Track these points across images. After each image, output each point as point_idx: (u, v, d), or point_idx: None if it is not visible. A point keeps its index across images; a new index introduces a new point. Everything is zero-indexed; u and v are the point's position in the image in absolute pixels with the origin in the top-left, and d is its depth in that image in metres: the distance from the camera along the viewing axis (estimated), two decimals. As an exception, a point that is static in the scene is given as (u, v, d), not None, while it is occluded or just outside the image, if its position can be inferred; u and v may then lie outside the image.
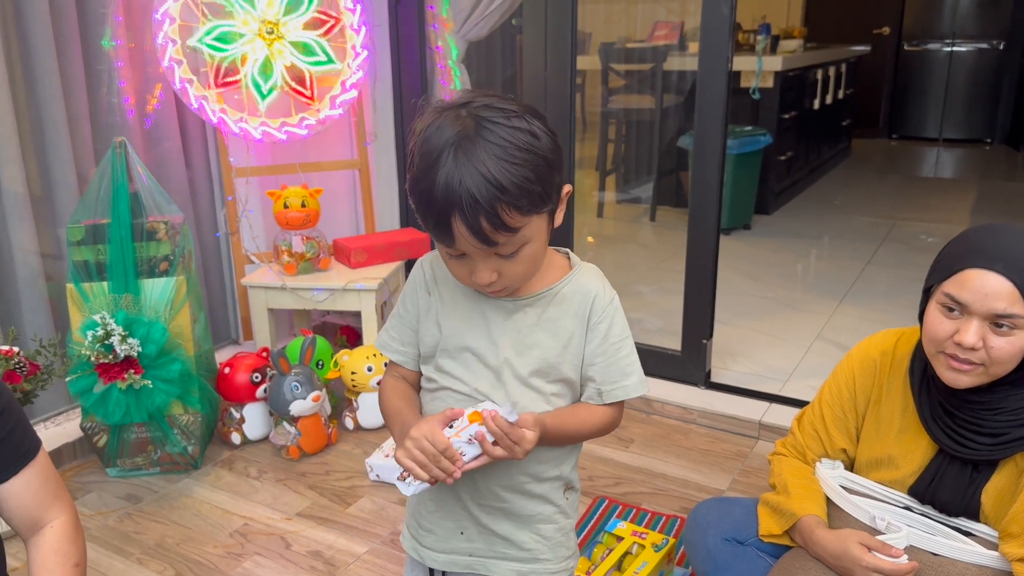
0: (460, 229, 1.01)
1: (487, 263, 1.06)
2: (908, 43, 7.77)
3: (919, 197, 5.73)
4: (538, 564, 1.23)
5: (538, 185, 1.01)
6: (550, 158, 1.02)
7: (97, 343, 2.16)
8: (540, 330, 1.15)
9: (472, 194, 0.97)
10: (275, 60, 2.75)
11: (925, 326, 1.39)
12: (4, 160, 2.37)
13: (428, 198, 1.01)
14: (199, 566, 2.01)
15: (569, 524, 1.27)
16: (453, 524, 1.23)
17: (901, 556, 1.37)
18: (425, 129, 1.02)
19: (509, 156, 0.98)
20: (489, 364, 1.16)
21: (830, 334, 3.25)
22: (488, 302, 1.16)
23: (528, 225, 1.03)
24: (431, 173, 0.99)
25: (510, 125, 1.00)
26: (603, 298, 1.16)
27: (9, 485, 1.34)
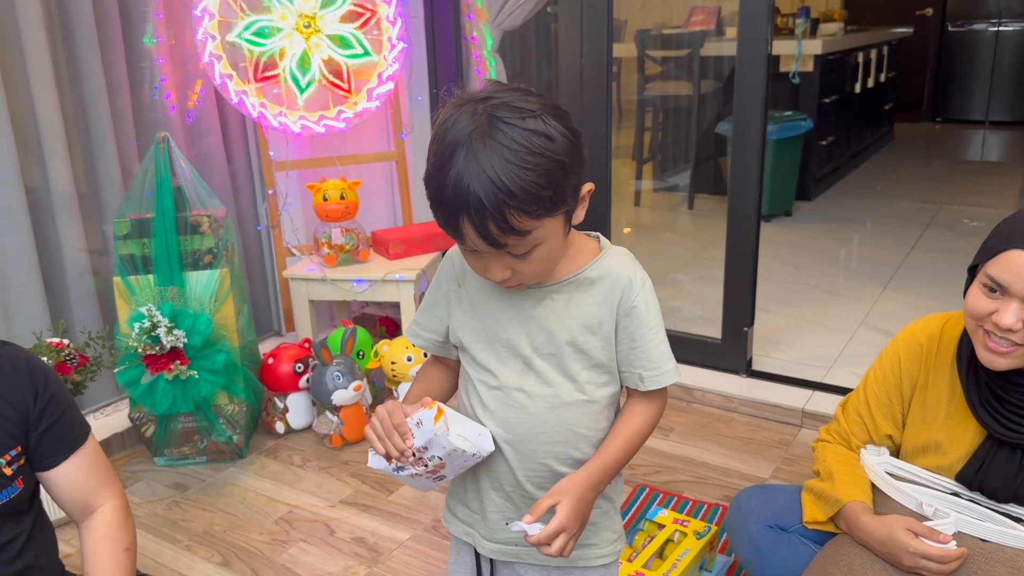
0: (468, 230, 1.00)
1: (499, 261, 1.05)
2: (952, 24, 7.58)
3: (964, 181, 5.60)
4: (585, 550, 1.23)
5: (549, 189, 0.98)
6: (564, 161, 0.99)
7: (144, 335, 2.20)
8: (569, 316, 1.14)
9: (479, 197, 0.95)
10: (312, 54, 2.78)
11: (966, 303, 1.38)
12: (52, 158, 2.42)
13: (439, 196, 1.00)
14: (245, 552, 2.04)
15: (613, 507, 1.26)
16: (499, 516, 1.23)
17: (949, 542, 1.34)
18: (443, 123, 1.00)
19: (519, 159, 0.96)
20: (520, 353, 1.15)
21: (874, 320, 3.20)
22: (515, 292, 1.15)
23: (540, 228, 1.01)
24: (442, 171, 0.98)
25: (524, 127, 0.97)
26: (636, 282, 1.14)
27: (60, 470, 1.38)
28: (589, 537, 1.23)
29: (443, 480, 1.16)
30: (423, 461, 1.12)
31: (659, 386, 1.16)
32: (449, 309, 1.22)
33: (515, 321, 1.15)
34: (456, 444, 1.09)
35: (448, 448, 1.09)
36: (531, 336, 1.14)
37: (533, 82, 3.70)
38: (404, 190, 3.19)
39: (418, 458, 1.11)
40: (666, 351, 1.17)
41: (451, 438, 1.08)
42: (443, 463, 1.12)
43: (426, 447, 1.09)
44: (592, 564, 1.24)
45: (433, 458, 1.11)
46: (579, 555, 1.23)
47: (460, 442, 1.09)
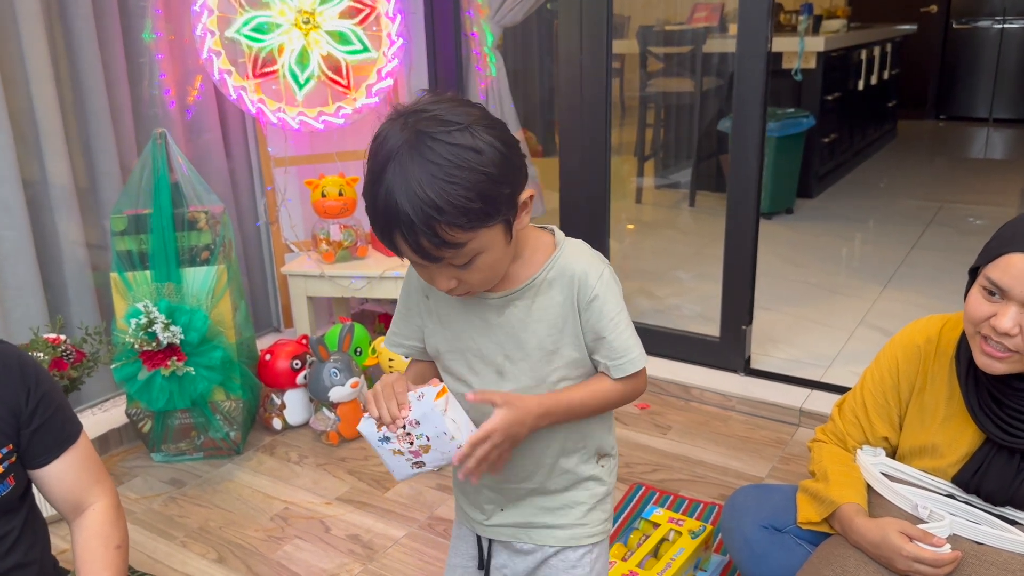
0: (403, 246, 1.00)
1: (443, 272, 1.05)
2: (957, 21, 7.55)
3: (967, 179, 5.58)
4: (576, 530, 1.26)
5: (478, 202, 0.97)
6: (492, 173, 0.98)
7: (140, 331, 2.20)
8: (533, 320, 1.14)
9: (408, 214, 0.96)
10: (312, 50, 2.77)
11: (965, 306, 1.37)
12: (50, 153, 2.42)
13: (372, 212, 1.00)
14: (241, 549, 2.04)
15: (605, 490, 1.27)
16: (493, 506, 1.27)
17: (943, 545, 1.34)
18: (376, 137, 1.00)
19: (446, 174, 0.95)
20: (491, 362, 1.16)
21: (874, 319, 3.19)
22: (478, 302, 1.15)
23: (475, 239, 1.00)
24: (374, 187, 0.98)
25: (450, 140, 0.96)
26: (593, 274, 1.13)
27: (51, 468, 1.38)
28: (581, 518, 1.25)
29: (421, 468, 1.15)
30: (411, 437, 1.12)
31: (625, 374, 1.16)
32: (421, 321, 1.23)
33: (482, 331, 1.15)
34: (447, 427, 1.09)
35: (439, 429, 1.09)
36: (500, 344, 1.15)
37: (533, 78, 3.69)
38: (403, 186, 3.18)
39: (407, 432, 1.12)
40: (629, 339, 1.16)
41: (445, 419, 1.09)
42: (428, 445, 1.12)
43: (419, 422, 1.10)
44: (583, 543, 1.26)
45: (421, 436, 1.11)
46: (570, 535, 1.25)
47: (451, 426, 1.10)
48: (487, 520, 1.28)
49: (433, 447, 1.11)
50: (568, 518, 1.25)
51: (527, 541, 1.27)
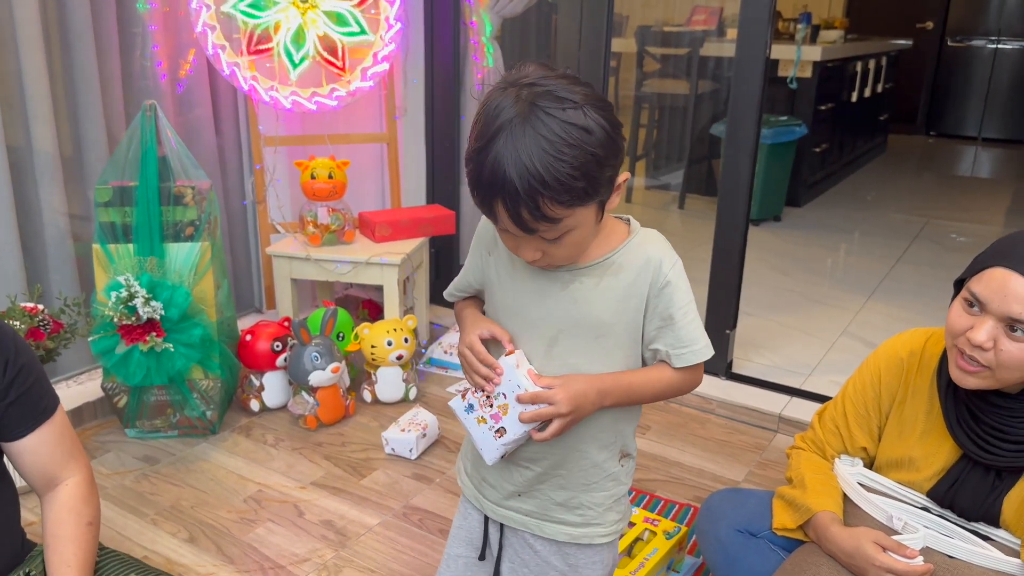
0: (502, 214, 1.02)
1: (531, 244, 1.07)
2: (952, 39, 7.60)
3: (954, 196, 5.63)
4: (589, 528, 1.26)
5: (582, 181, 0.99)
6: (599, 154, 1.00)
7: (120, 304, 2.17)
8: (596, 299, 1.15)
9: (514, 184, 0.98)
10: (308, 29, 2.74)
11: (947, 318, 1.37)
12: (36, 118, 2.38)
13: (477, 178, 1.02)
14: (212, 530, 2.02)
15: (622, 491, 1.28)
16: (512, 486, 1.26)
17: (916, 557, 1.34)
18: (487, 104, 1.02)
19: (556, 150, 0.97)
20: (543, 334, 1.16)
21: (856, 330, 3.20)
22: (544, 272, 1.16)
23: (572, 216, 1.03)
24: (481, 154, 1.00)
25: (563, 118, 0.98)
26: (667, 262, 1.15)
27: (26, 442, 1.36)
28: (596, 517, 1.26)
29: (504, 440, 1.16)
30: (490, 400, 1.15)
31: (687, 364, 1.17)
32: (481, 276, 1.25)
33: (540, 300, 1.16)
34: (522, 381, 1.12)
35: (513, 383, 1.12)
36: (556, 318, 1.15)
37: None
38: (394, 173, 3.16)
39: (486, 395, 1.15)
40: (697, 328, 1.17)
41: (519, 373, 1.12)
42: (507, 405, 1.14)
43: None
44: (595, 542, 1.27)
45: (499, 395, 1.14)
46: (583, 533, 1.26)
47: (525, 382, 1.12)
48: (503, 500, 1.28)
49: (511, 407, 1.13)
50: (584, 516, 1.25)
51: (538, 533, 1.27)
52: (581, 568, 1.28)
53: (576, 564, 1.28)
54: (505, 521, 1.29)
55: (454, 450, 2.40)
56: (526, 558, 1.30)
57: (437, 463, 2.33)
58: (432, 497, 2.18)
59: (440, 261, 3.35)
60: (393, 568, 1.90)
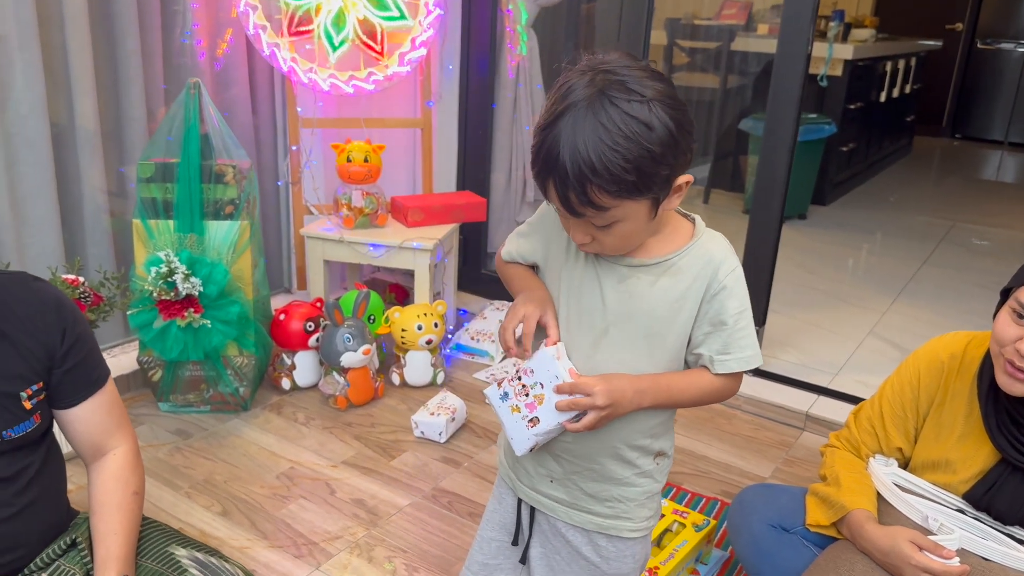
0: (552, 193, 1.05)
1: (581, 226, 1.09)
2: (981, 41, 7.54)
3: (979, 201, 5.60)
4: (618, 521, 1.27)
5: (633, 175, 0.99)
6: (656, 151, 0.99)
7: (160, 279, 2.20)
8: (651, 298, 1.15)
9: (566, 166, 0.99)
10: (348, 12, 2.75)
11: (994, 326, 1.38)
12: (79, 94, 2.40)
13: (536, 153, 1.04)
14: (245, 504, 2.06)
15: (656, 488, 1.29)
16: (545, 471, 1.27)
17: (953, 558, 1.35)
18: (563, 84, 1.03)
19: (611, 140, 0.98)
20: (594, 325, 1.17)
21: (883, 331, 3.20)
22: (604, 263, 1.16)
23: (619, 207, 1.03)
24: (545, 131, 1.02)
25: (626, 110, 0.98)
26: (726, 267, 1.15)
27: (78, 410, 1.38)
28: (627, 511, 1.26)
29: (536, 430, 1.16)
30: (526, 388, 1.16)
31: (728, 371, 1.17)
32: (545, 246, 1.24)
33: (597, 292, 1.17)
34: (560, 372, 1.13)
35: (551, 373, 1.13)
36: (609, 311, 1.16)
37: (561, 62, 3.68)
38: (427, 158, 3.17)
39: (521, 382, 1.16)
40: (749, 336, 1.17)
41: (559, 365, 1.13)
42: (543, 395, 1.14)
43: (533, 370, 1.15)
44: (623, 535, 1.28)
45: (535, 385, 1.15)
46: (612, 524, 1.27)
47: (564, 374, 1.13)
48: (536, 484, 1.29)
49: (547, 398, 1.14)
50: (614, 508, 1.26)
51: (566, 519, 1.28)
52: (612, 560, 1.29)
53: (607, 556, 1.29)
54: (536, 505, 1.31)
55: (482, 435, 2.43)
56: (557, 545, 1.32)
57: (465, 447, 2.36)
58: (461, 480, 2.20)
59: (468, 248, 3.37)
60: (424, 549, 1.93)
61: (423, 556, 1.90)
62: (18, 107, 2.27)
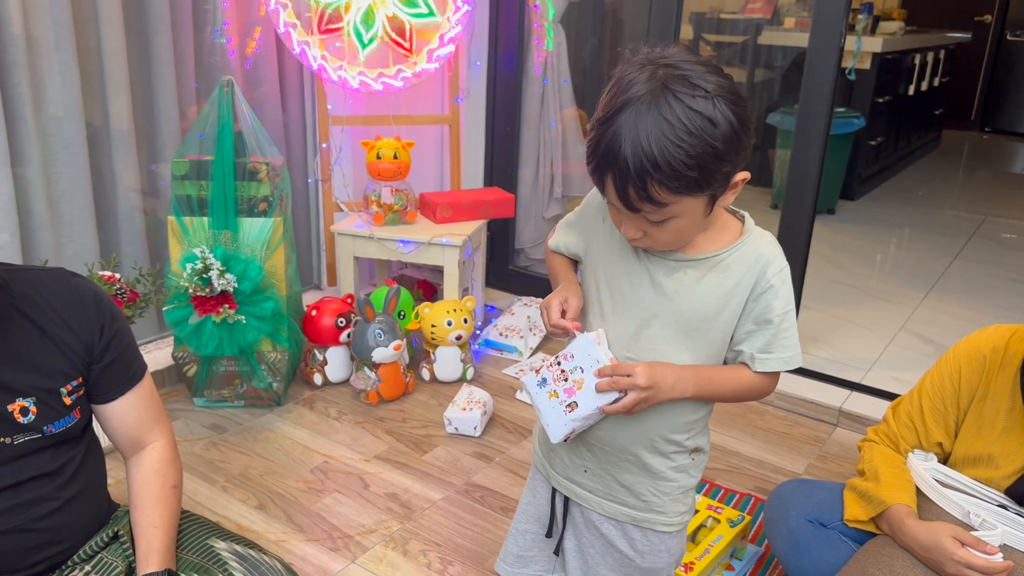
0: (610, 188, 1.03)
1: (634, 222, 1.08)
2: (1011, 32, 7.42)
3: (1011, 195, 5.52)
4: (652, 514, 1.27)
5: (695, 171, 0.99)
6: (719, 148, 0.99)
7: (195, 276, 2.22)
8: (697, 294, 1.14)
9: (627, 161, 0.98)
10: (377, 9, 2.76)
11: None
12: (113, 94, 2.43)
13: (595, 147, 1.03)
14: (281, 498, 2.07)
15: (691, 483, 1.29)
16: (580, 461, 1.28)
17: (996, 554, 1.34)
18: (622, 77, 1.02)
19: (675, 136, 0.97)
20: (637, 315, 1.17)
21: (915, 326, 3.17)
22: (652, 256, 1.16)
23: (678, 203, 1.03)
24: (604, 125, 1.01)
25: (691, 105, 0.97)
26: (774, 266, 1.15)
27: (116, 404, 1.40)
28: (661, 505, 1.26)
29: (574, 416, 1.16)
30: (565, 373, 1.16)
31: (768, 369, 1.17)
32: (587, 240, 1.25)
33: (642, 283, 1.17)
34: (601, 357, 1.13)
35: (592, 357, 1.13)
36: (653, 303, 1.16)
37: (589, 57, 3.67)
38: (455, 155, 3.18)
39: (561, 368, 1.16)
40: (792, 336, 1.17)
41: (600, 350, 1.13)
42: (582, 380, 1.14)
43: (573, 355, 1.15)
44: (656, 528, 1.28)
45: (575, 370, 1.15)
46: (645, 517, 1.27)
47: (605, 358, 1.13)
48: (570, 473, 1.29)
49: (587, 382, 1.14)
50: (648, 502, 1.26)
51: (599, 510, 1.28)
52: (646, 554, 1.29)
53: (641, 549, 1.29)
54: (569, 495, 1.31)
55: (512, 430, 2.43)
56: (591, 538, 1.32)
57: (497, 443, 2.36)
58: (493, 475, 2.21)
59: (495, 244, 3.37)
60: (458, 543, 1.93)
61: (457, 550, 1.91)
62: (54, 108, 2.30)
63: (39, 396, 1.27)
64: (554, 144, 3.38)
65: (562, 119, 3.36)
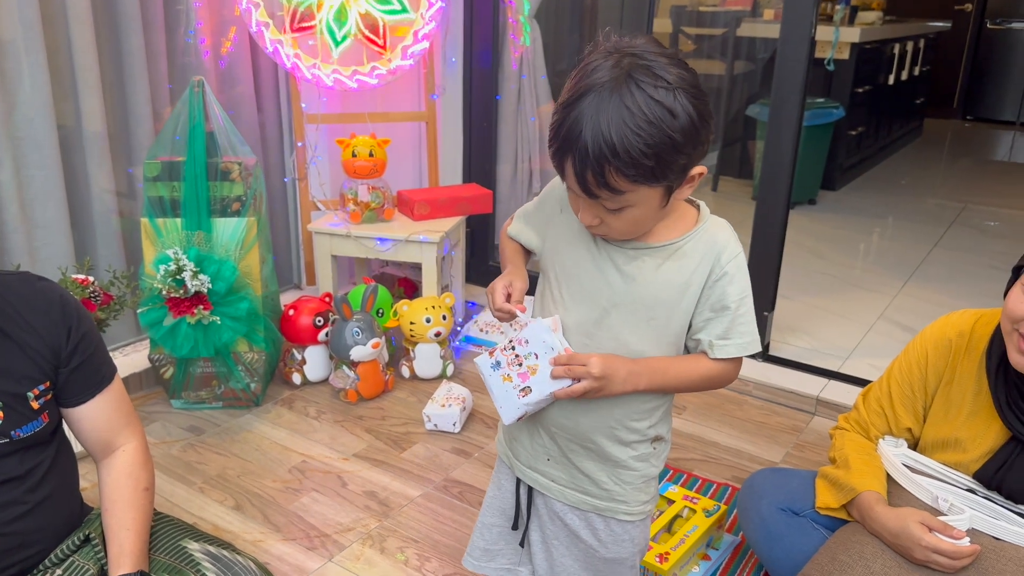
0: (569, 172, 1.04)
1: (591, 208, 1.09)
2: (991, 21, 7.45)
3: (991, 182, 5.55)
4: (614, 503, 1.27)
5: (652, 160, 0.99)
6: (677, 139, 0.99)
7: (169, 277, 2.21)
8: (654, 282, 1.15)
9: (586, 146, 0.99)
10: (350, 7, 2.75)
11: (1006, 303, 1.37)
12: (85, 95, 2.42)
13: (556, 131, 1.03)
14: (258, 498, 2.07)
15: (652, 472, 1.29)
16: (542, 449, 1.28)
17: (963, 538, 1.35)
18: (588, 64, 1.03)
19: (635, 124, 0.97)
20: (597, 304, 1.17)
21: (894, 315, 3.19)
22: (610, 244, 1.17)
23: (634, 192, 1.03)
24: (567, 108, 1.01)
25: (652, 95, 0.98)
26: (728, 253, 1.16)
27: (85, 408, 1.39)
28: (622, 494, 1.27)
29: (527, 400, 1.17)
30: (519, 358, 1.16)
31: (726, 356, 1.18)
32: (546, 229, 1.25)
33: (601, 272, 1.17)
34: (555, 343, 1.14)
35: (547, 345, 1.14)
36: (612, 291, 1.16)
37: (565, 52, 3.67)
38: (432, 151, 3.17)
39: (515, 353, 1.16)
40: (747, 324, 1.18)
41: (555, 337, 1.14)
42: (536, 366, 1.15)
43: (527, 340, 1.15)
44: (619, 518, 1.28)
45: (529, 355, 1.15)
46: (607, 506, 1.27)
47: (559, 346, 1.14)
48: (532, 462, 1.30)
49: (541, 368, 1.14)
50: (610, 491, 1.26)
51: (561, 499, 1.29)
52: (610, 544, 1.30)
53: (604, 540, 1.30)
54: (533, 484, 1.31)
55: (491, 425, 2.43)
56: (555, 529, 1.33)
57: (476, 438, 2.37)
58: (471, 471, 2.21)
59: (475, 240, 3.37)
60: (436, 539, 1.93)
61: (435, 546, 1.91)
62: (25, 110, 2.29)
63: (5, 401, 1.27)
64: (532, 140, 3.38)
65: (540, 115, 3.36)
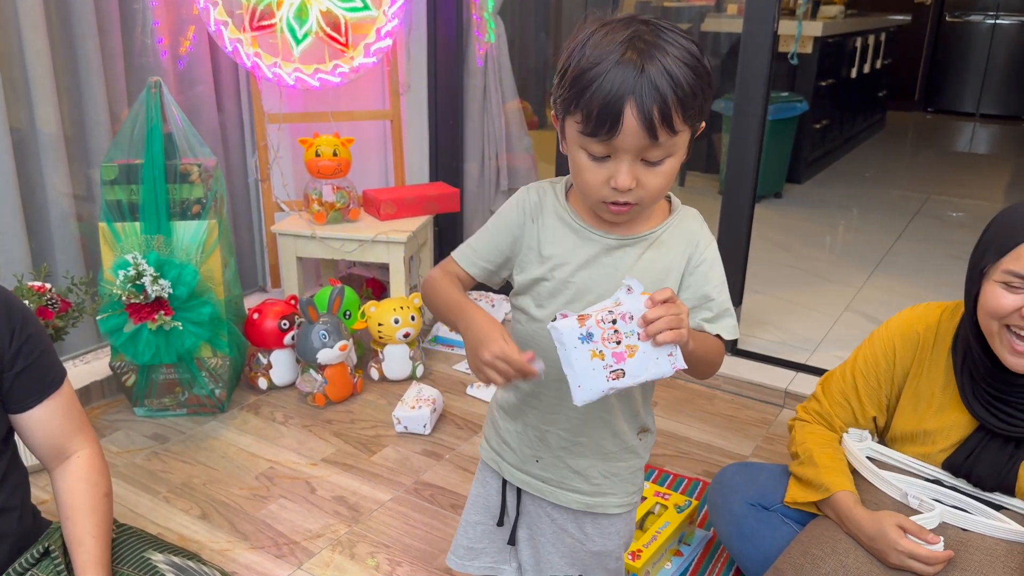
0: (630, 117, 0.99)
1: (631, 168, 1.04)
2: (950, 14, 7.57)
3: (953, 173, 5.63)
4: (603, 498, 1.28)
5: (700, 98, 1.03)
6: (711, 80, 1.03)
7: (128, 283, 2.16)
8: (640, 269, 1.15)
9: (653, 81, 0.98)
10: (311, 5, 2.72)
11: (984, 304, 1.35)
12: (39, 99, 2.36)
13: (598, 87, 0.99)
14: (225, 507, 2.03)
15: (640, 463, 1.30)
16: (531, 452, 1.28)
17: (938, 542, 1.34)
18: (592, 34, 1.03)
19: (686, 59, 1.00)
20: (583, 298, 1.16)
21: (860, 306, 3.22)
22: (589, 238, 1.16)
23: (682, 135, 1.04)
24: (603, 64, 1.00)
25: (686, 45, 1.01)
26: (705, 240, 1.18)
27: (34, 413, 1.35)
28: (611, 488, 1.27)
29: (615, 387, 1.01)
30: (619, 334, 1.00)
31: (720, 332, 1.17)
32: (515, 244, 1.22)
33: (586, 266, 1.17)
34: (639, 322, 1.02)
35: (636, 321, 1.00)
36: (597, 284, 1.16)
37: (531, 49, 3.66)
38: (398, 150, 3.14)
39: (615, 328, 0.99)
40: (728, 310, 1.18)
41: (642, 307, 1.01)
42: (636, 347, 0.99)
43: (632, 316, 0.99)
44: (609, 512, 1.28)
45: (631, 334, 0.99)
46: (597, 502, 1.27)
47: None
48: (522, 465, 1.29)
49: (641, 350, 1.00)
50: (599, 486, 1.26)
51: (552, 500, 1.28)
52: (596, 537, 1.30)
53: (590, 533, 1.30)
54: (522, 486, 1.31)
55: (462, 426, 2.41)
56: (543, 526, 1.32)
57: (447, 439, 2.34)
58: (443, 473, 2.19)
59: (444, 239, 3.35)
60: (407, 543, 1.91)
61: (406, 550, 1.89)
62: (-25, 114, 2.23)
63: None
64: (499, 137, 3.36)
65: (506, 111, 3.34)
